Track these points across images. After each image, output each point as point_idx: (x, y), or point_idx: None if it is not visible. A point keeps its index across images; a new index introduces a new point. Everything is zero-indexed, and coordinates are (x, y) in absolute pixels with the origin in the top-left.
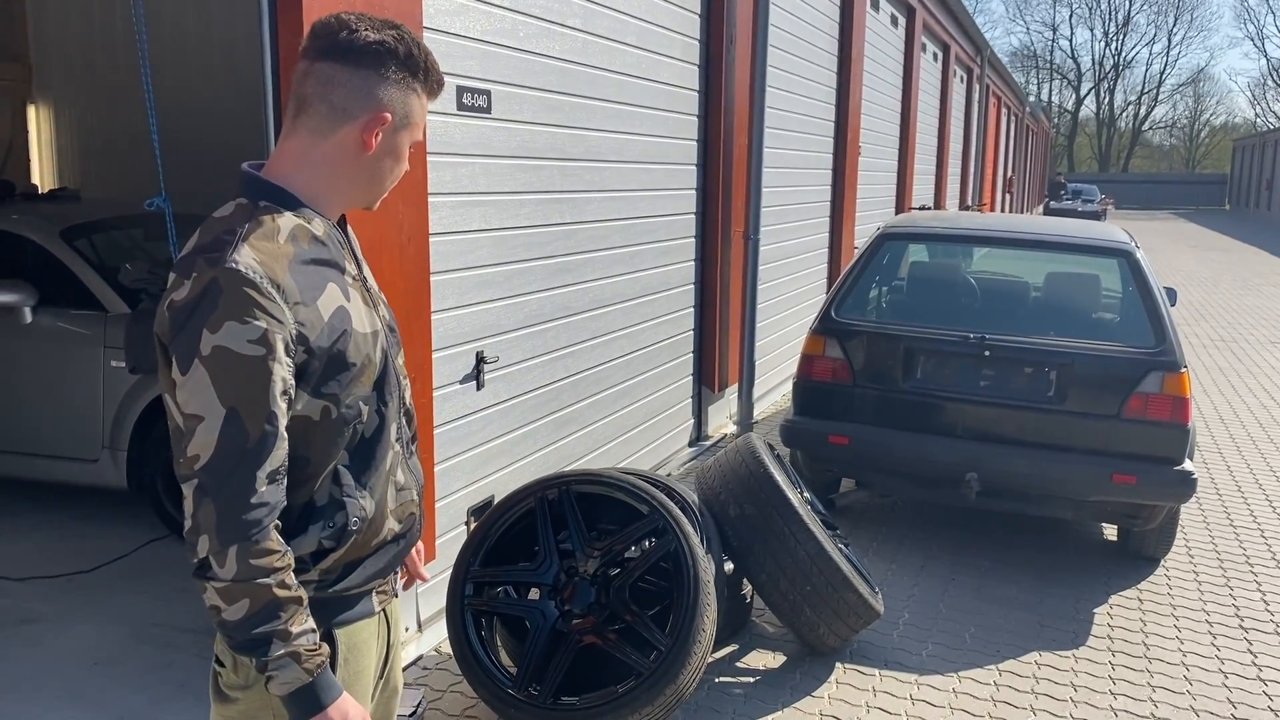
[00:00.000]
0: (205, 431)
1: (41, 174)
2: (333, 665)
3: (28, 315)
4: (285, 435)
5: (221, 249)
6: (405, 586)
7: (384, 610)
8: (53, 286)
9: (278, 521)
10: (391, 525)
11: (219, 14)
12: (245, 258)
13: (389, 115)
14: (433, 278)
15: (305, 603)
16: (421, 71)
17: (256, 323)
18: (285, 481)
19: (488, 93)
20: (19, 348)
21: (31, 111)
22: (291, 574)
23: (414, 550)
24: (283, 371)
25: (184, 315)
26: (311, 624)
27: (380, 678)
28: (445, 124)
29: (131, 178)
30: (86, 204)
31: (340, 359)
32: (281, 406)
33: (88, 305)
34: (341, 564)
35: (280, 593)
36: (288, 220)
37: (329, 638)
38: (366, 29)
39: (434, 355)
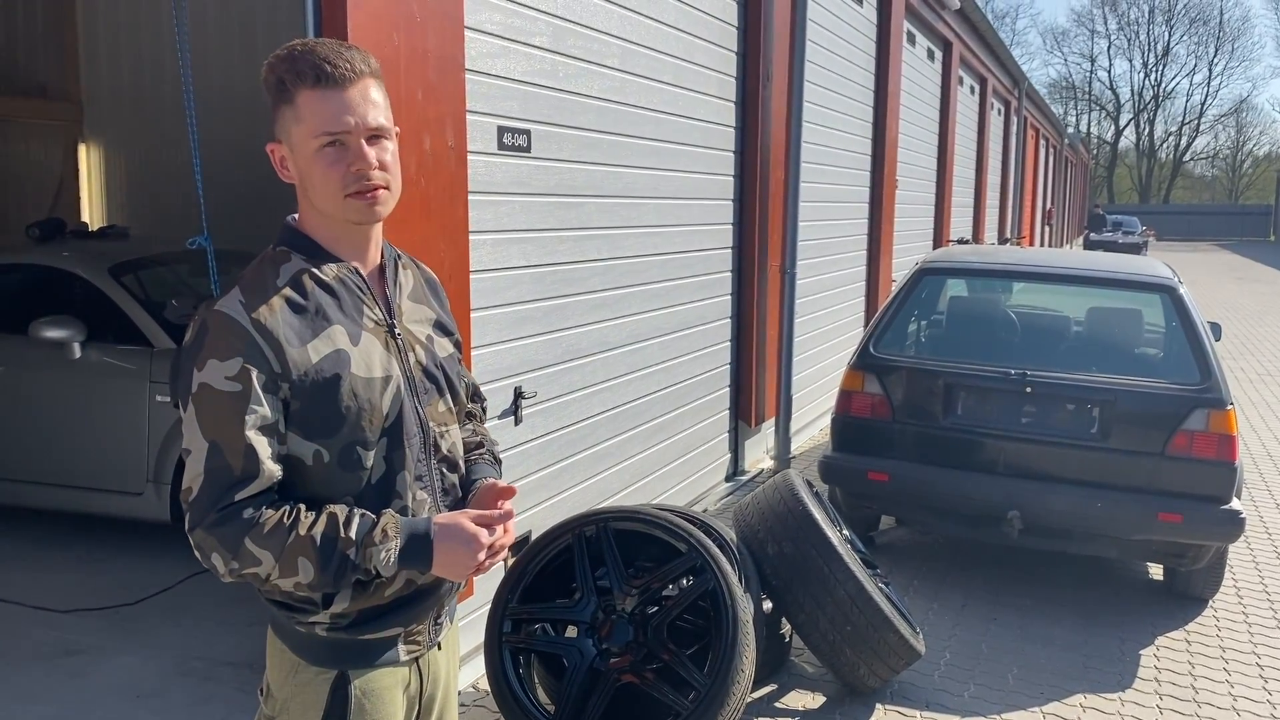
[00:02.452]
0: (193, 465)
1: (91, 212)
2: (345, 711)
3: (76, 350)
4: (273, 467)
5: (221, 295)
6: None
7: (416, 661)
8: (100, 322)
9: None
10: (410, 575)
11: (264, 56)
12: (232, 300)
13: (273, 147)
14: (473, 314)
15: (333, 510)
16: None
17: (234, 359)
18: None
19: (528, 132)
20: (67, 382)
21: (82, 150)
22: (305, 513)
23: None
24: (261, 408)
25: (182, 357)
26: (355, 514)
27: None
28: (487, 163)
29: (178, 216)
30: (134, 241)
31: (331, 402)
32: (261, 440)
33: (134, 341)
34: (355, 610)
35: (302, 532)
36: (294, 265)
37: (343, 681)
38: None
39: None
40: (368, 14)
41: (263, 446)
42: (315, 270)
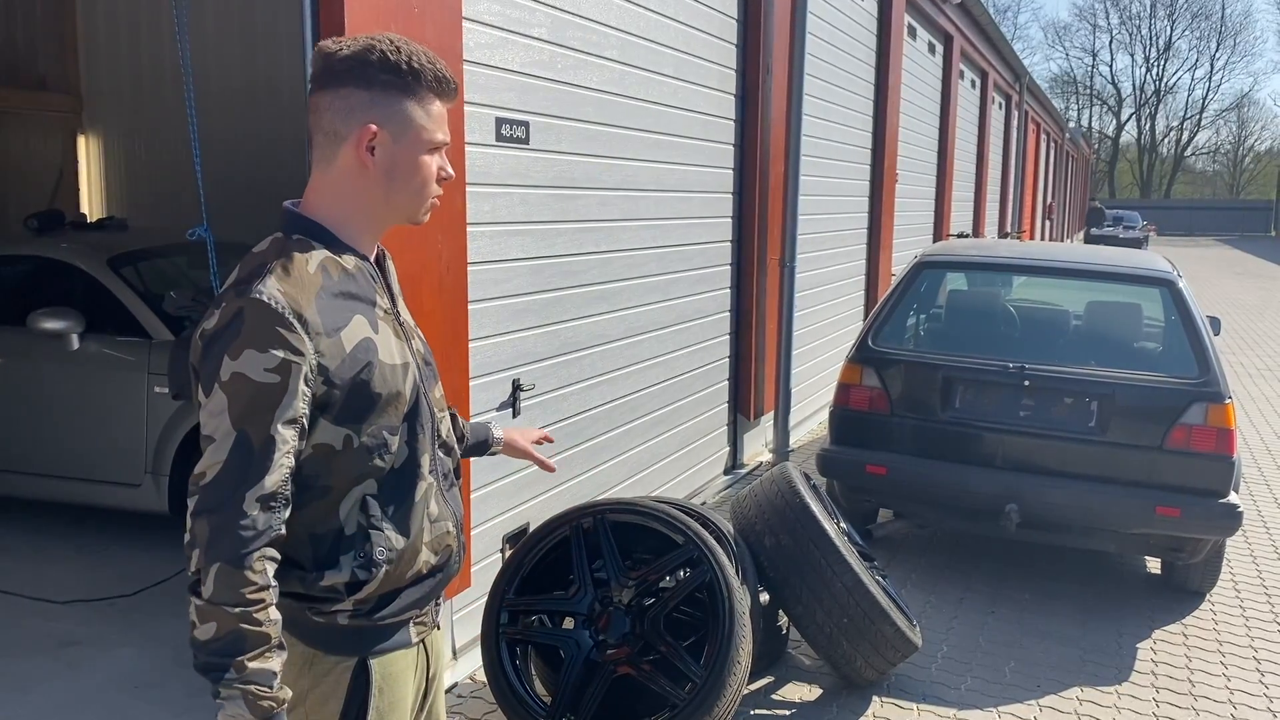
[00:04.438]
0: (214, 452)
1: (90, 203)
2: (366, 696)
3: (74, 342)
4: (287, 465)
5: (251, 281)
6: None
7: (423, 642)
8: (99, 313)
9: (273, 552)
10: (426, 557)
11: (263, 47)
12: (271, 289)
13: (374, 127)
14: (470, 306)
15: (273, 641)
16: (407, 73)
17: (275, 351)
18: (282, 510)
19: (526, 124)
20: (65, 373)
21: (81, 142)
22: (266, 610)
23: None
24: (296, 401)
25: (211, 342)
26: (273, 665)
27: (421, 710)
28: (485, 155)
29: (177, 207)
30: (133, 233)
31: (364, 390)
32: (285, 434)
33: (133, 332)
34: (377, 595)
35: (245, 626)
36: (318, 253)
37: (363, 667)
38: (346, 48)
39: (471, 383)
40: (365, 4)
41: (284, 441)
42: (337, 259)
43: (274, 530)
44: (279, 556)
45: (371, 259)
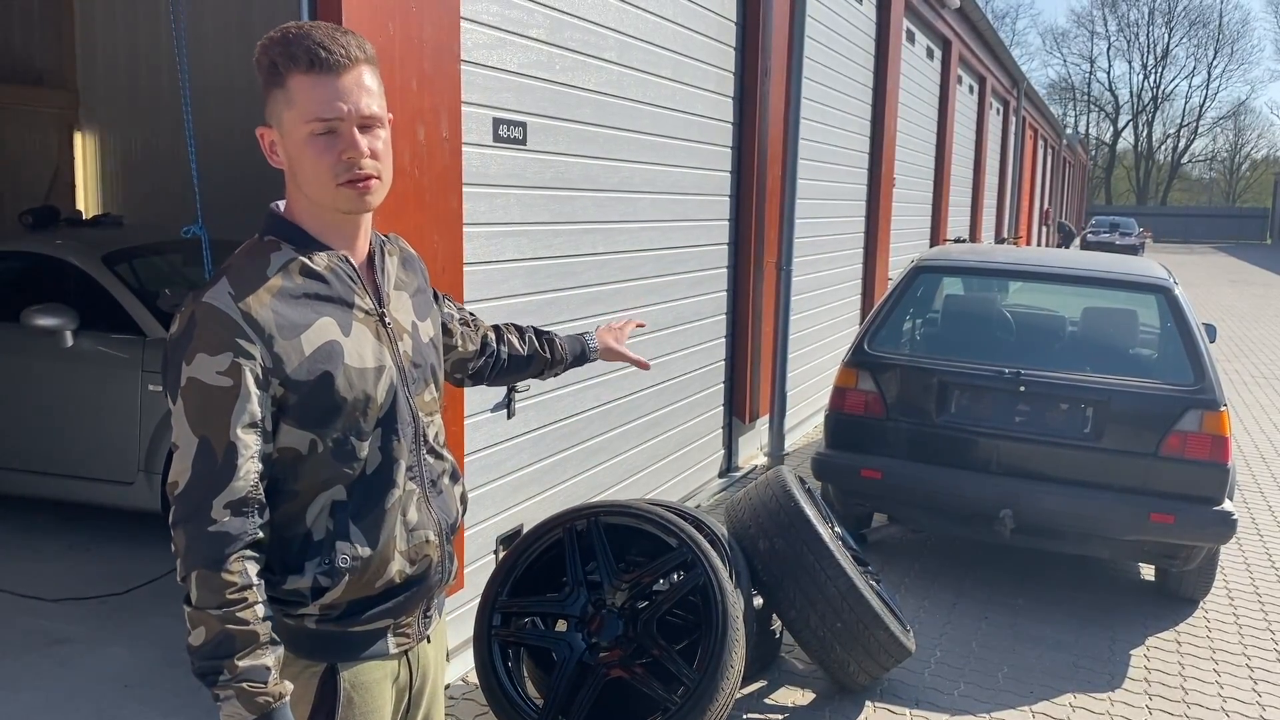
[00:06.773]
0: (180, 459)
1: (86, 200)
2: (334, 704)
3: (69, 339)
4: (252, 468)
5: (208, 286)
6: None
7: (406, 654)
8: (93, 310)
9: (252, 554)
10: (400, 567)
11: None
12: (221, 292)
13: (264, 129)
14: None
15: (262, 639)
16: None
17: (224, 354)
18: (257, 515)
19: (523, 125)
20: (59, 370)
21: (78, 139)
22: (250, 609)
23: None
24: (251, 404)
25: (172, 349)
26: (266, 661)
27: None
28: (481, 155)
29: (173, 204)
30: (128, 230)
31: (325, 394)
32: (245, 438)
33: (127, 329)
34: (345, 602)
35: (231, 627)
36: (284, 255)
37: (332, 675)
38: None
39: None
40: (363, 1)
41: (245, 446)
42: (306, 260)
43: (249, 534)
44: (259, 557)
45: (356, 256)
